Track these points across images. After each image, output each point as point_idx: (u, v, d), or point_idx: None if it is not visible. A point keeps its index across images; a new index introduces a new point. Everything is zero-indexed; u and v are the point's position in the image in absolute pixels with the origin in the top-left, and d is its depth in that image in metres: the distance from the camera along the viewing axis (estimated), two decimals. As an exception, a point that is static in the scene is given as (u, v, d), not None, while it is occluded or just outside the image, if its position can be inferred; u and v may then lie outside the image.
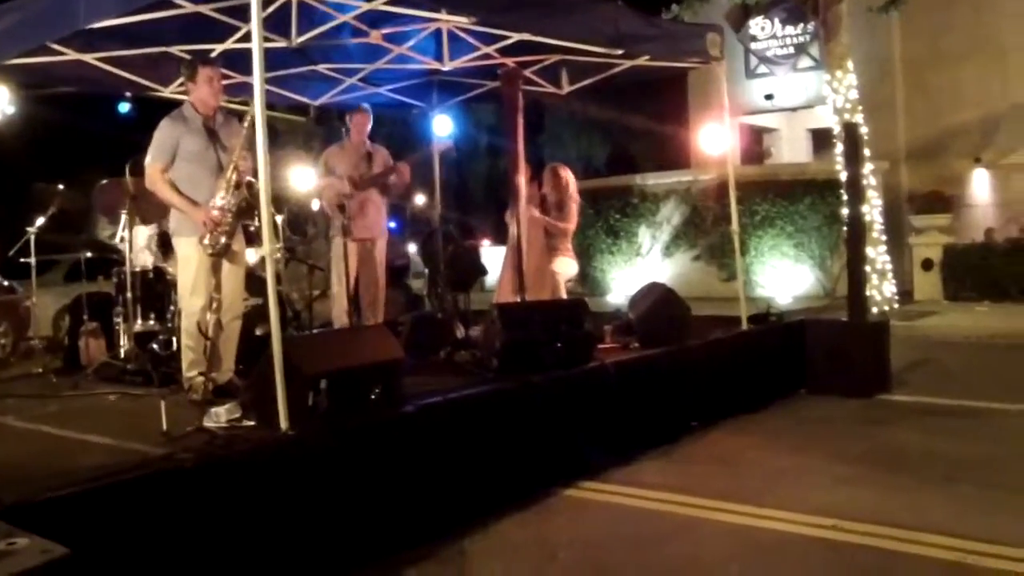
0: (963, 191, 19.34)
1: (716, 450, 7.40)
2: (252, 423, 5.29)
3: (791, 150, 24.13)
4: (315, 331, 9.17)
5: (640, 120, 27.64)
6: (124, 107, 17.25)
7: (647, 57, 8.99)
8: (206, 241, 6.45)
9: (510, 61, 9.13)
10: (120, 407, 6.71)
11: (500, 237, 20.28)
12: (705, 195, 19.20)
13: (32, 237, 8.24)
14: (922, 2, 17.09)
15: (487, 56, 9.21)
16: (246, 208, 6.55)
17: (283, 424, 4.96)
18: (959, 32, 19.34)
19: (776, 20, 21.63)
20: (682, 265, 19.36)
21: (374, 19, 8.17)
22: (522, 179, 8.55)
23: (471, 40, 8.98)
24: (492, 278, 12.69)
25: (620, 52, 8.33)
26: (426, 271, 10.92)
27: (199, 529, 4.32)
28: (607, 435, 6.93)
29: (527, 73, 9.61)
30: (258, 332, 7.60)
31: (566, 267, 9.34)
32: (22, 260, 8.43)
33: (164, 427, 5.14)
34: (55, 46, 7.49)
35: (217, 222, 6.43)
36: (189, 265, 6.62)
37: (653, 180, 20.46)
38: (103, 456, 4.94)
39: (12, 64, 7.64)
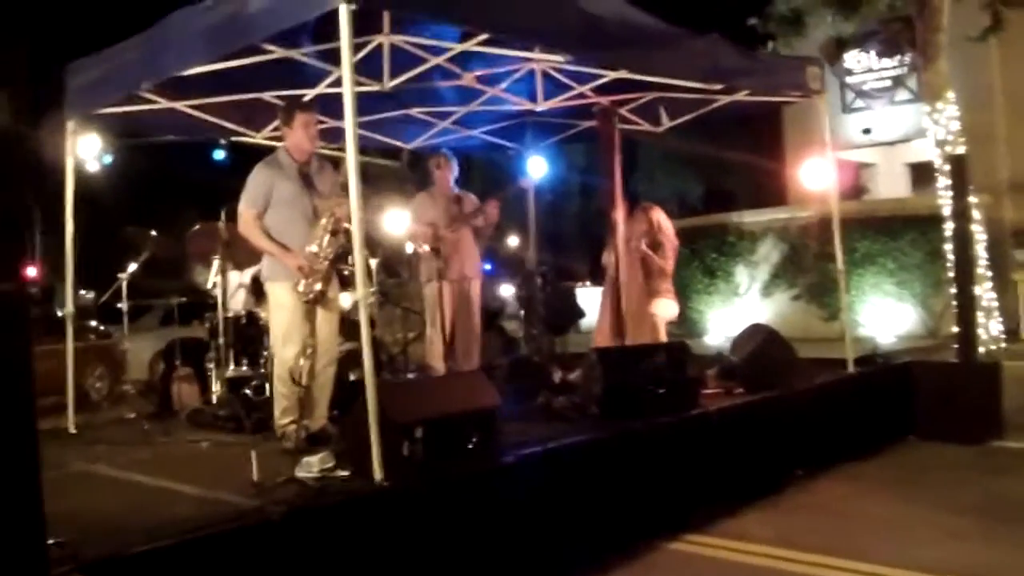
0: (1071, 224, 18.64)
1: (822, 500, 7.06)
2: (346, 473, 5.12)
3: (889, 185, 23.57)
4: (410, 375, 9.05)
5: (735, 156, 27.28)
6: (219, 154, 17.45)
7: (746, 92, 8.74)
8: (300, 288, 6.33)
9: (605, 100, 8.96)
10: (211, 455, 6.61)
11: (596, 278, 20.12)
12: (804, 232, 18.73)
13: (124, 282, 8.22)
14: (1021, 30, 16.54)
15: (581, 96, 9.07)
16: (342, 254, 6.44)
17: (377, 474, 4.80)
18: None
19: (872, 53, 21.24)
20: (781, 305, 18.87)
21: (467, 61, 8.09)
22: (620, 216, 8.33)
23: (565, 80, 8.83)
24: (588, 320, 12.44)
25: (720, 87, 8.09)
26: (521, 313, 10.73)
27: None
28: (711, 484, 6.67)
29: (622, 111, 9.42)
30: (352, 377, 7.47)
31: (666, 309, 9.07)
32: (118, 305, 8.40)
33: (255, 477, 5.00)
34: (147, 95, 7.48)
35: (312, 268, 6.31)
36: (282, 311, 6.53)
37: (750, 218, 20.02)
38: (192, 507, 4.83)
39: (105, 113, 7.67)
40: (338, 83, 7.53)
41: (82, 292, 24.81)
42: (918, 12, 14.22)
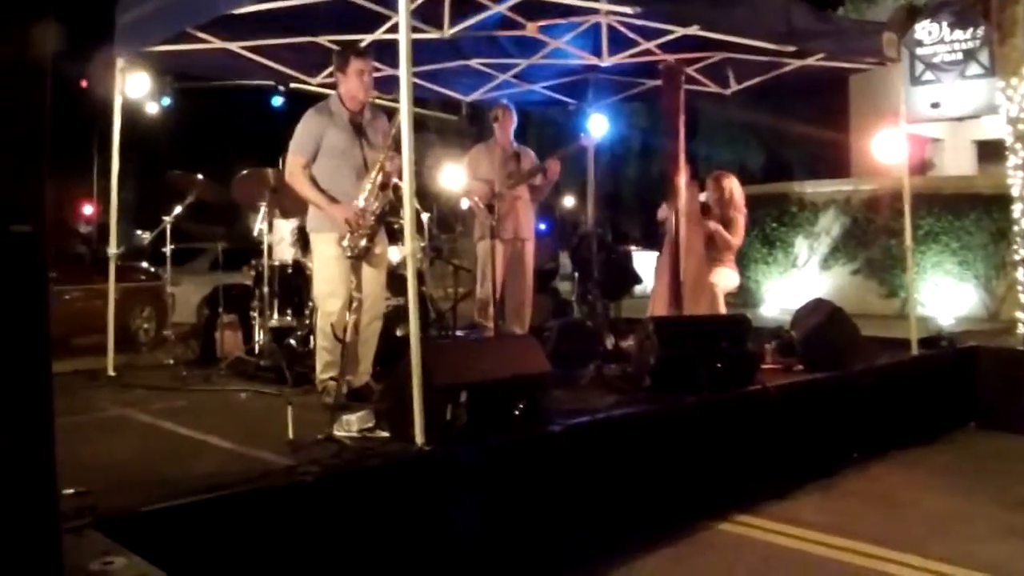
0: None
1: (877, 487, 6.77)
2: (385, 434, 4.92)
3: (955, 161, 23.00)
4: (457, 333, 8.81)
5: (797, 125, 26.80)
6: (277, 100, 17.23)
7: (819, 56, 8.38)
8: (345, 243, 6.06)
9: (671, 58, 8.61)
10: (249, 406, 6.43)
11: (651, 242, 19.78)
12: (867, 206, 18.32)
13: (168, 226, 8.04)
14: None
15: (647, 52, 8.75)
16: (390, 211, 6.19)
17: (418, 438, 4.57)
18: None
19: (944, 24, 20.60)
20: (840, 279, 18.49)
21: (530, 10, 7.75)
22: (682, 181, 8.01)
23: (631, 35, 8.50)
24: (643, 286, 12.12)
25: (792, 49, 7.72)
26: (575, 275, 10.40)
27: (319, 552, 3.97)
28: (764, 463, 6.43)
29: (689, 71, 9.07)
30: (399, 333, 7.28)
31: (727, 279, 8.74)
32: (164, 249, 8.25)
33: (291, 435, 4.79)
34: (199, 34, 7.27)
35: (359, 222, 6.06)
36: (327, 264, 6.28)
37: (812, 188, 19.60)
38: (220, 462, 4.64)
39: (156, 51, 7.44)
40: (396, 29, 7.30)
41: (138, 233, 24.94)
42: (996, -19, 13.66)
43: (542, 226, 9.12)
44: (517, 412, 5.01)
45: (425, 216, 8.56)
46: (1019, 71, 13.88)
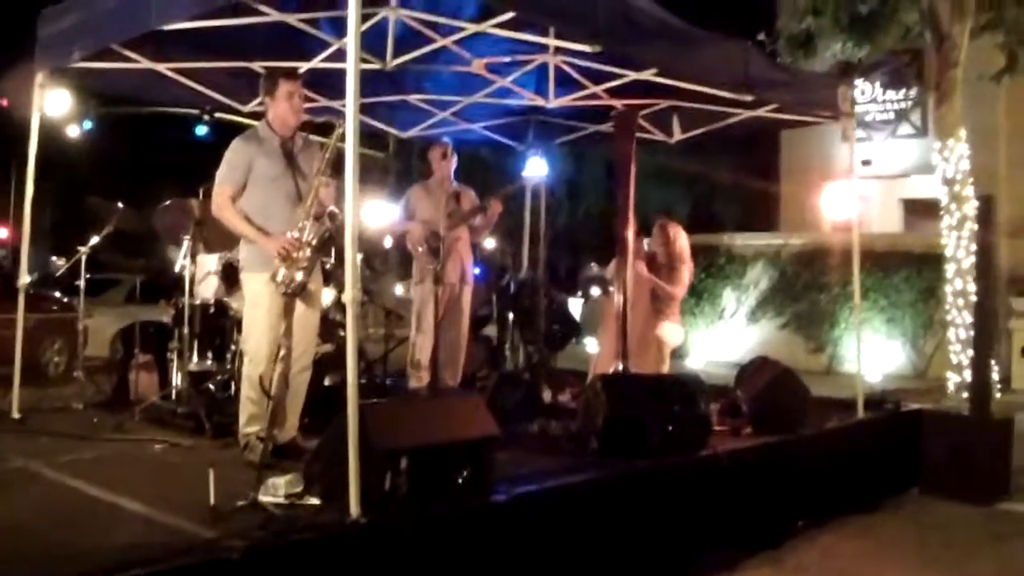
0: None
1: (831, 562, 6.42)
2: (316, 501, 4.47)
3: (883, 219, 23.10)
4: (387, 382, 8.37)
5: (725, 176, 26.82)
6: (202, 129, 16.61)
7: (771, 107, 8.13)
8: (279, 278, 5.55)
9: (618, 103, 8.32)
10: (165, 461, 5.87)
11: (574, 289, 19.48)
12: (797, 260, 18.28)
13: (84, 255, 7.53)
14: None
15: (594, 96, 8.45)
16: (326, 242, 5.73)
17: (353, 509, 4.14)
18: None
19: (877, 84, 20.76)
20: (767, 332, 18.41)
21: (477, 46, 7.43)
22: (631, 234, 7.66)
23: (578, 77, 8.20)
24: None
25: (748, 98, 7.45)
26: (510, 323, 9.97)
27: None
28: (711, 533, 6.06)
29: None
30: (327, 382, 6.81)
31: (673, 334, 8.40)
32: (79, 279, 7.73)
33: (212, 500, 4.32)
34: (127, 52, 6.81)
35: (293, 255, 5.60)
36: (257, 306, 5.79)
37: (741, 240, 19.53)
38: (133, 531, 4.17)
39: (79, 68, 6.91)
40: (336, 57, 7.00)
41: (53, 259, 24.08)
42: (936, 46, 13.67)
43: (476, 270, 8.68)
44: (461, 479, 4.58)
45: (358, 256, 8.11)
46: (956, 133, 13.94)
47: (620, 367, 7.31)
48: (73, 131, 16.78)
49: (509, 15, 6.32)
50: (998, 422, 8.55)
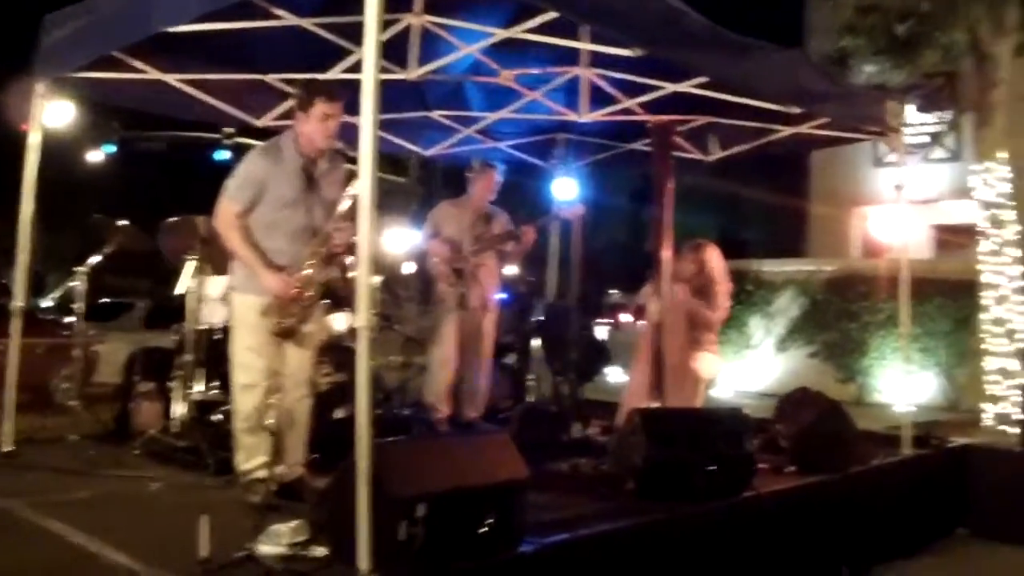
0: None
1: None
2: (323, 552, 3.99)
3: (913, 245, 22.67)
4: (406, 411, 7.90)
5: (753, 201, 26.35)
6: (222, 154, 16.13)
7: (818, 123, 7.67)
8: (270, 318, 5.16)
9: (652, 119, 7.85)
10: (162, 500, 5.38)
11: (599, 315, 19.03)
12: (828, 287, 17.81)
13: (83, 276, 7.12)
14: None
15: (627, 111, 7.98)
16: (333, 290, 5.28)
17: (363, 562, 3.67)
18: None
19: (911, 106, 20.34)
20: (796, 361, 17.88)
21: (505, 57, 7.04)
22: (668, 254, 7.17)
23: (612, 90, 7.74)
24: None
25: (798, 111, 6.98)
26: (532, 348, 9.47)
27: None
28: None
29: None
30: (339, 414, 6.33)
31: (710, 365, 7.87)
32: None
33: (204, 553, 3.84)
34: (135, 62, 6.43)
35: (293, 300, 5.16)
36: (248, 330, 5.30)
37: (770, 267, 19.02)
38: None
39: (85, 79, 6.49)
40: (356, 68, 6.52)
41: (69, 284, 23.78)
42: (975, 65, 13.19)
43: (502, 295, 8.20)
44: (485, 529, 4.08)
45: (375, 279, 7.65)
46: (996, 155, 13.42)
47: (656, 401, 6.81)
48: (95, 156, 16.45)
49: (540, 19, 5.88)
50: (1052, 457, 8.09)
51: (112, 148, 16.73)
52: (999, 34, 12.59)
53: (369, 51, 4.00)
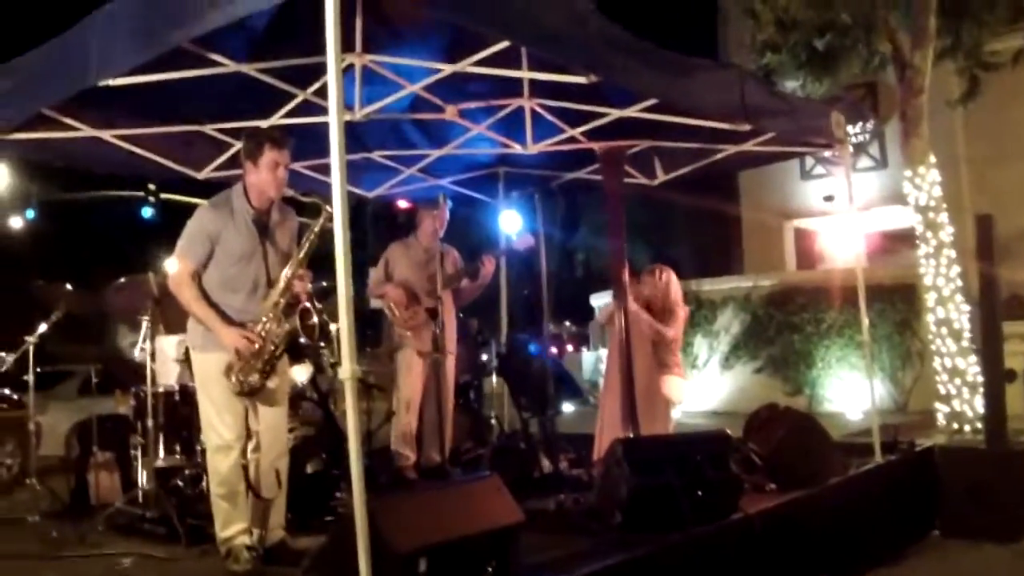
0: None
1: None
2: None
3: (845, 254, 22.97)
4: (366, 461, 7.68)
5: (683, 220, 26.49)
6: (147, 211, 15.81)
7: (761, 140, 7.65)
8: (233, 378, 4.98)
9: (596, 145, 7.77)
10: (133, 577, 5.15)
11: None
12: (768, 302, 17.95)
13: (31, 346, 6.87)
14: (982, 102, 15.85)
15: (572, 140, 7.93)
16: (293, 342, 5.10)
17: (368, 625, 3.49)
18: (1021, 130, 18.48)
19: (835, 118, 20.62)
20: (743, 378, 17.99)
21: (450, 93, 6.95)
22: (626, 278, 7.08)
23: (554, 119, 7.66)
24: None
25: (746, 128, 6.94)
26: (487, 386, 9.30)
27: None
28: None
29: (614, 161, 8.26)
30: (310, 469, 6.14)
31: (677, 389, 7.73)
32: (26, 375, 7.04)
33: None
34: (69, 120, 6.21)
35: (252, 354, 4.99)
36: (213, 388, 5.12)
37: (709, 286, 19.09)
38: None
39: (15, 140, 6.27)
40: (299, 111, 6.46)
41: (2, 355, 23.19)
42: (899, 74, 13.37)
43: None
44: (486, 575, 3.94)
45: (334, 327, 7.47)
46: (926, 160, 13.60)
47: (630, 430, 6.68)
48: (16, 222, 16.07)
49: (486, 52, 5.79)
50: (1019, 454, 8.09)
51: (31, 214, 16.40)
52: (919, 43, 12.77)
53: (333, 90, 3.85)
